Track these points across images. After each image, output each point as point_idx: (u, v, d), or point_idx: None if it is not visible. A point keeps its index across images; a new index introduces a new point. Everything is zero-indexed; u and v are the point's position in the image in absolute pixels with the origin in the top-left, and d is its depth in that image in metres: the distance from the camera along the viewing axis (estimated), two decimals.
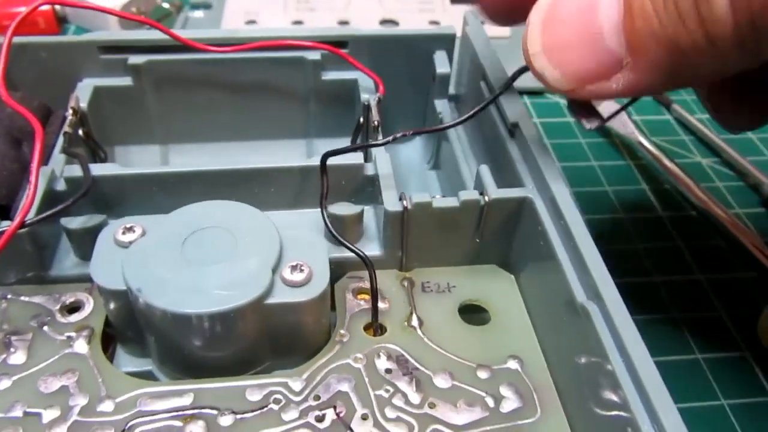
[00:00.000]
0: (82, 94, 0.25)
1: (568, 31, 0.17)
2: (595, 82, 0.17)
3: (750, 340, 0.27)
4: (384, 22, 0.45)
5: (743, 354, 0.26)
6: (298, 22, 0.44)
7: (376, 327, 0.21)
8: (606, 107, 0.20)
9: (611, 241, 0.31)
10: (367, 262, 0.20)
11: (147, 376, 0.20)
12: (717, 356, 0.26)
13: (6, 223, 0.19)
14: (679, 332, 0.27)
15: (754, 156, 0.37)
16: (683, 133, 0.39)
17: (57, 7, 0.43)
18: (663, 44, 0.16)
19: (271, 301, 0.19)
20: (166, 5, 0.45)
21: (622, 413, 0.16)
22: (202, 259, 0.19)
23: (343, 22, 0.44)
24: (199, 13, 0.46)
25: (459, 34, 0.28)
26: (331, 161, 0.22)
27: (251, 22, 0.44)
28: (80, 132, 0.24)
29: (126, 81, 0.26)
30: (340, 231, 0.21)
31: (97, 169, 0.22)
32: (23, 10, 0.44)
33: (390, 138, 0.21)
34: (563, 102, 0.40)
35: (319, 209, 0.22)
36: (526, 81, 0.20)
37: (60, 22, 0.45)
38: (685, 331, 0.27)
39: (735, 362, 0.26)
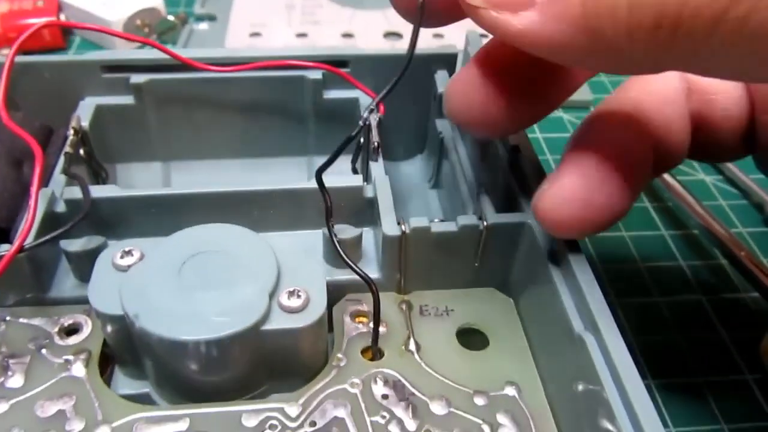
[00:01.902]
0: (84, 112, 0.26)
1: None
2: (500, 7, 0.15)
3: (752, 363, 0.26)
4: (388, 34, 0.45)
5: (744, 377, 0.26)
6: (303, 35, 0.44)
7: (375, 352, 0.21)
8: None
9: (612, 259, 0.31)
10: (372, 287, 0.20)
11: (144, 399, 0.20)
12: (718, 379, 0.26)
13: (5, 246, 0.19)
14: (679, 354, 0.27)
15: (757, 175, 0.36)
16: None
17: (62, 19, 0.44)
18: None
19: (267, 327, 0.19)
20: (170, 18, 0.45)
21: None
22: (200, 284, 0.19)
23: (347, 35, 0.44)
24: (204, 26, 0.46)
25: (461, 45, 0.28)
26: (331, 183, 0.22)
27: (256, 34, 0.44)
28: (81, 151, 0.25)
29: (128, 100, 0.27)
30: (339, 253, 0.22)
31: (97, 191, 0.22)
32: (29, 22, 0.44)
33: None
34: (566, 117, 0.40)
35: (318, 231, 0.22)
36: None
37: (65, 34, 0.45)
38: (686, 352, 0.27)
39: (736, 385, 0.26)
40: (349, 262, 0.20)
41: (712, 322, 0.28)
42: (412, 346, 0.21)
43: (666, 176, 0.34)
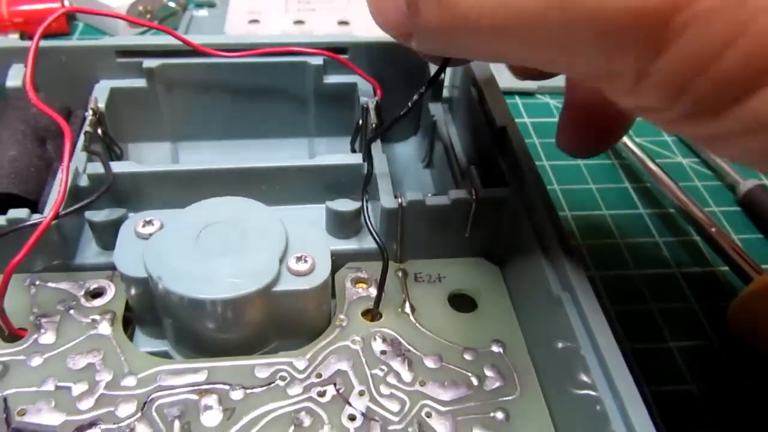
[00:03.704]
0: (100, 94, 0.27)
1: None
2: (404, 37, 0.18)
3: (719, 330, 0.29)
4: None
5: (712, 343, 0.28)
6: (300, 22, 0.46)
7: (376, 313, 0.23)
8: None
9: (593, 235, 0.33)
10: (384, 254, 0.22)
11: (163, 356, 0.22)
12: (688, 344, 0.28)
13: (36, 216, 0.21)
14: (653, 321, 0.29)
15: None
16: (666, 134, 0.41)
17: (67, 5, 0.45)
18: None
19: (277, 288, 0.21)
20: (171, 4, 0.46)
21: (591, 392, 0.18)
22: (215, 250, 0.21)
23: (343, 23, 0.46)
24: (203, 12, 0.47)
25: None
26: (333, 161, 0.24)
27: (254, 21, 0.46)
28: (99, 131, 0.26)
29: (140, 83, 0.28)
30: (342, 225, 0.24)
31: (117, 167, 0.24)
32: (34, 8, 0.45)
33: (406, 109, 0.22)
34: (553, 102, 0.42)
35: (320, 205, 0.24)
36: (519, 83, 0.22)
37: (69, 20, 0.46)
38: (660, 320, 0.29)
39: (705, 349, 0.28)
40: (372, 230, 0.22)
41: (684, 293, 0.30)
42: (407, 309, 0.23)
43: (645, 159, 0.36)
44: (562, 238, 0.21)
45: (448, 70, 0.30)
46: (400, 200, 0.23)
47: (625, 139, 0.38)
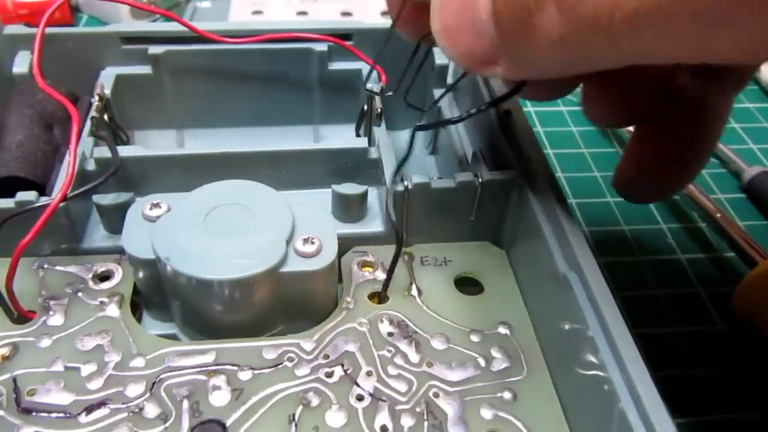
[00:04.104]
0: (106, 81, 0.27)
1: (453, 16, 0.17)
2: (484, 65, 0.17)
3: (724, 315, 0.29)
4: (385, 13, 0.47)
5: (717, 327, 0.28)
6: (303, 13, 0.46)
7: (383, 295, 0.23)
8: None
9: (597, 223, 0.33)
10: (399, 236, 0.22)
11: (171, 338, 0.22)
12: (693, 329, 0.28)
13: (44, 198, 0.21)
14: (658, 307, 0.29)
15: (736, 145, 0.39)
16: None
17: None
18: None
19: (285, 269, 0.21)
20: None
21: (599, 373, 0.18)
22: (223, 231, 0.21)
23: (346, 13, 0.46)
24: (206, 3, 0.47)
25: None
26: (339, 145, 0.25)
27: (257, 12, 0.46)
28: (105, 117, 0.26)
29: (146, 69, 0.28)
30: (348, 209, 0.24)
31: (124, 151, 0.24)
32: None
33: (466, 114, 0.21)
34: (565, 110, 0.42)
35: (326, 190, 0.24)
36: None
37: (73, 11, 0.46)
38: (665, 305, 0.29)
39: (710, 335, 0.28)
40: (391, 213, 0.22)
41: (689, 279, 0.30)
42: (414, 292, 0.23)
43: None
44: (569, 218, 0.21)
45: None
46: (406, 183, 0.23)
47: (631, 127, 0.38)
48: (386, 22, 0.30)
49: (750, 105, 0.43)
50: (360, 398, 0.20)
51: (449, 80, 0.31)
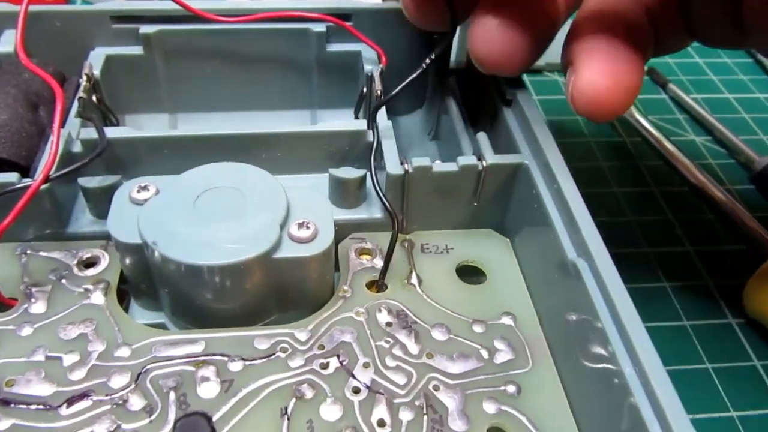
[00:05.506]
0: (95, 62, 0.26)
1: None
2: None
3: (735, 309, 0.28)
4: None
5: (728, 321, 0.28)
6: None
7: (381, 284, 0.22)
8: None
9: (604, 213, 0.32)
10: (395, 220, 0.21)
11: (160, 327, 0.21)
12: (704, 323, 0.27)
13: (26, 180, 0.20)
14: (668, 300, 0.28)
15: (745, 135, 0.38)
16: (678, 112, 0.40)
17: None
18: None
19: (278, 255, 0.20)
20: None
21: (609, 366, 0.17)
22: (214, 215, 0.20)
23: None
24: None
25: None
26: (336, 127, 0.23)
27: None
28: (93, 98, 0.25)
29: (137, 50, 0.27)
30: (345, 194, 0.23)
31: (112, 132, 0.23)
32: None
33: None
34: (561, 80, 0.41)
35: (323, 174, 0.23)
36: None
37: None
38: (674, 298, 0.28)
39: (721, 328, 0.27)
40: (383, 196, 0.21)
41: (699, 271, 0.29)
42: (413, 280, 0.22)
43: (658, 136, 0.35)
44: (579, 202, 0.20)
45: (457, 40, 0.29)
46: (406, 166, 0.22)
47: (638, 117, 0.37)
48: (387, 4, 0.29)
49: (760, 95, 0.42)
50: (356, 391, 0.19)
51: (451, 62, 0.30)
